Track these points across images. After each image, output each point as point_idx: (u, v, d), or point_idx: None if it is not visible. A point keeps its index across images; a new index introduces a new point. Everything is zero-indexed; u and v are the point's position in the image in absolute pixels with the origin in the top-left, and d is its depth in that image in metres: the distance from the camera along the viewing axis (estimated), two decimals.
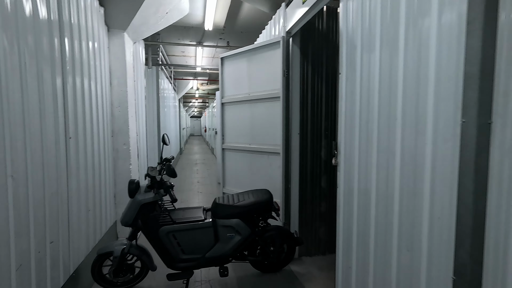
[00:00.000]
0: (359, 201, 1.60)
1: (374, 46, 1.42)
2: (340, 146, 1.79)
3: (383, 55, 1.36)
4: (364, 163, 1.53)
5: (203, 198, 5.48)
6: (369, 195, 1.49)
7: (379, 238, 1.43)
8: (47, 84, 1.78)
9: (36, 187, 1.65)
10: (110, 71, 3.16)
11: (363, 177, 1.54)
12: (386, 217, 1.36)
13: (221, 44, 6.34)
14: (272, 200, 2.48)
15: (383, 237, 1.39)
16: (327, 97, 3.00)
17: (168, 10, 3.69)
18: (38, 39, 1.68)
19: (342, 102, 1.75)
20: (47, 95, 1.78)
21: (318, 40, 2.93)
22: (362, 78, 1.54)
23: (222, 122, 3.63)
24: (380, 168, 1.39)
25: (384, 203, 1.38)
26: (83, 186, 2.35)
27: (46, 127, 1.76)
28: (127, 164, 3.32)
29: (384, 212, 1.38)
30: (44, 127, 1.74)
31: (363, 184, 1.55)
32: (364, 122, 1.52)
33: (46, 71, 1.77)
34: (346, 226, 1.74)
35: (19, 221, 1.49)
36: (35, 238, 1.63)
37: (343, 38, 1.73)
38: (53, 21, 1.88)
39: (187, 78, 10.48)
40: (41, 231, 1.70)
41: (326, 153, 3.02)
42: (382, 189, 1.39)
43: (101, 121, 2.80)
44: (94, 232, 2.59)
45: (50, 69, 1.82)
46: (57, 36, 1.93)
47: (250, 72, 3.23)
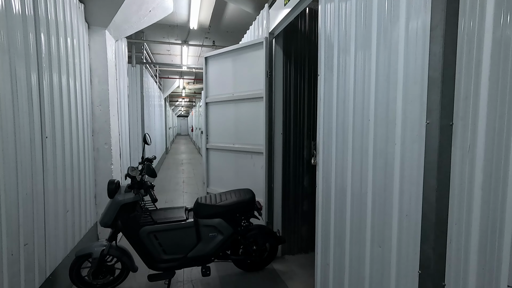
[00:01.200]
0: (336, 200, 1.64)
1: (350, 49, 1.46)
2: (319, 146, 1.83)
3: (358, 58, 1.40)
4: (341, 162, 1.57)
5: (188, 198, 5.45)
6: (345, 194, 1.53)
7: (354, 236, 1.47)
8: (21, 81, 1.73)
9: (9, 188, 1.60)
10: (91, 69, 3.09)
11: (340, 176, 1.59)
12: (360, 215, 1.41)
13: (207, 43, 6.32)
14: (255, 200, 2.50)
15: (358, 234, 1.43)
16: (309, 98, 3.04)
17: (152, 8, 3.65)
18: (11, 34, 1.63)
19: (321, 103, 1.79)
20: (21, 93, 1.73)
21: (300, 41, 2.98)
22: (339, 79, 1.58)
23: (206, 122, 3.62)
24: (355, 167, 1.44)
25: (358, 201, 1.42)
26: (61, 186, 2.30)
27: (20, 126, 1.72)
28: (109, 164, 3.26)
29: (358, 210, 1.42)
30: (18, 126, 1.69)
31: (340, 183, 1.59)
32: (341, 122, 1.56)
33: (20, 68, 1.72)
34: (324, 224, 1.79)
35: None
36: (8, 240, 1.58)
37: (322, 39, 1.77)
38: (28, 16, 1.82)
39: (173, 77, 10.36)
40: (14, 233, 1.65)
41: (308, 153, 3.07)
42: (356, 188, 1.43)
43: (80, 120, 2.74)
44: (73, 233, 2.54)
45: (24, 65, 1.77)
46: (32, 31, 1.88)
47: (234, 72, 3.24)
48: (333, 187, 1.67)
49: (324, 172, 1.77)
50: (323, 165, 1.78)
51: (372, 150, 1.30)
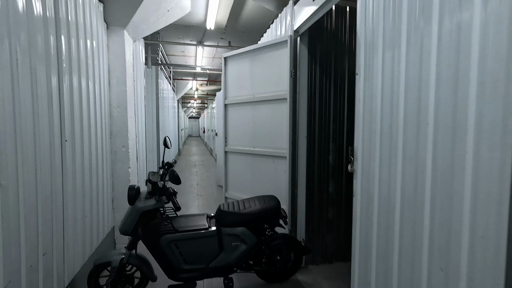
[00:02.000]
0: (380, 212, 1.48)
1: (400, 44, 1.30)
2: (357, 152, 1.67)
3: (410, 54, 1.24)
4: (387, 171, 1.41)
5: (203, 201, 5.34)
6: (392, 206, 1.37)
7: (404, 253, 1.31)
8: (41, 84, 1.65)
9: (28, 194, 1.51)
10: (109, 70, 3.02)
11: (385, 186, 1.42)
12: (413, 231, 1.24)
13: (222, 44, 6.22)
14: (280, 207, 2.35)
15: (410, 252, 1.27)
16: (336, 99, 2.88)
17: (170, 8, 3.57)
18: (32, 36, 1.55)
19: (360, 105, 1.63)
20: (41, 96, 1.64)
21: (326, 40, 2.82)
22: (385, 78, 1.42)
23: (225, 124, 3.50)
24: (407, 177, 1.28)
25: (411, 216, 1.26)
26: (80, 191, 2.21)
27: (40, 129, 1.63)
28: (126, 167, 3.18)
29: (411, 226, 1.26)
30: (37, 129, 1.60)
31: (385, 193, 1.43)
32: (387, 126, 1.40)
33: (40, 70, 1.64)
34: (364, 238, 1.62)
35: (8, 233, 1.35)
36: (27, 251, 1.49)
37: (361, 37, 1.62)
38: (49, 18, 1.74)
39: (186, 79, 10.34)
40: (33, 243, 1.56)
41: (334, 157, 2.91)
42: (409, 200, 1.27)
43: (99, 122, 2.66)
44: (91, 239, 2.45)
45: (44, 68, 1.69)
46: (53, 33, 1.80)
47: (255, 72, 3.11)
48: (375, 198, 1.51)
49: (364, 180, 1.61)
50: (363, 172, 1.62)
51: (431, 159, 1.14)
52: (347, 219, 3.02)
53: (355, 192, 1.70)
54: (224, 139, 3.52)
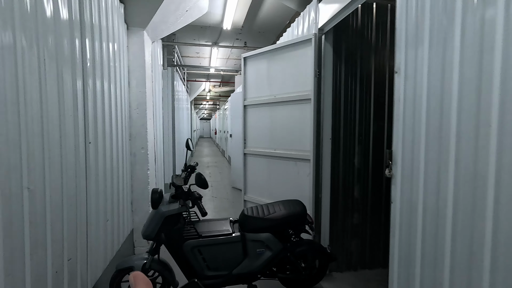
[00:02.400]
0: (426, 221, 1.36)
1: (452, 38, 1.19)
2: (396, 156, 1.56)
3: (467, 49, 1.13)
4: (435, 177, 1.29)
5: (219, 203, 5.29)
6: (443, 215, 1.25)
7: (458, 271, 1.19)
8: (67, 87, 1.61)
9: (54, 198, 1.47)
10: (129, 70, 3.00)
11: (433, 194, 1.31)
12: (470, 246, 1.12)
13: (238, 45, 6.17)
14: (306, 213, 2.25)
15: (466, 269, 1.15)
16: (362, 99, 2.76)
17: (188, 8, 3.53)
18: (58, 40, 1.51)
19: (400, 105, 1.52)
20: (67, 98, 1.61)
21: (352, 38, 2.71)
22: (431, 77, 1.31)
23: (244, 126, 3.43)
24: (462, 185, 1.16)
25: (467, 230, 1.14)
26: (102, 194, 2.18)
27: (65, 131, 1.59)
28: (145, 169, 3.15)
29: (467, 240, 1.14)
30: (63, 131, 1.57)
31: (433, 201, 1.31)
32: (435, 129, 1.29)
33: (66, 73, 1.60)
34: (405, 248, 1.51)
35: (35, 239, 1.31)
36: (52, 256, 1.45)
37: (401, 32, 1.51)
38: (74, 21, 1.71)
39: (200, 80, 10.36)
40: (58, 248, 1.52)
41: (360, 160, 2.79)
42: (464, 212, 1.15)
43: (119, 124, 2.63)
44: (112, 243, 2.42)
45: (70, 70, 1.65)
46: (78, 37, 1.77)
47: (275, 72, 3.02)
48: (420, 205, 1.39)
49: (405, 186, 1.50)
50: (403, 178, 1.51)
51: (494, 166, 1.02)
52: (373, 225, 2.89)
53: (393, 198, 1.59)
54: (243, 141, 3.44)
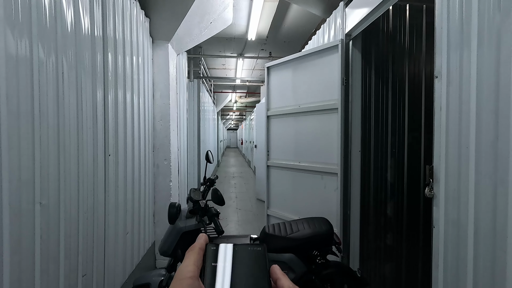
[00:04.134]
0: (479, 249, 1.13)
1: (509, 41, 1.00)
2: (438, 173, 1.35)
3: None
4: (490, 198, 1.08)
5: (242, 216, 5.17)
6: (502, 246, 1.03)
7: None
8: (86, 99, 1.61)
9: (69, 213, 1.44)
10: (153, 83, 3.04)
11: (488, 218, 1.09)
12: None
13: (263, 55, 6.15)
14: (333, 232, 2.06)
15: None
16: (394, 108, 2.53)
17: (212, 20, 3.55)
18: (79, 53, 1.52)
19: (441, 114, 1.32)
20: (86, 110, 1.60)
21: (383, 42, 2.52)
22: (482, 81, 1.11)
23: (267, 137, 3.31)
24: None
25: None
26: (122, 207, 2.16)
27: (83, 143, 1.58)
28: (168, 181, 3.14)
29: None
30: (81, 144, 1.55)
31: (488, 227, 1.09)
32: (490, 141, 1.08)
33: (86, 86, 1.61)
34: (452, 281, 1.27)
35: (47, 255, 1.27)
36: (65, 271, 1.41)
37: (442, 33, 1.33)
38: (97, 36, 1.73)
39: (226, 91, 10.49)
40: (72, 264, 1.48)
41: (393, 174, 2.54)
42: None
43: (142, 136, 2.64)
44: (132, 256, 2.38)
45: (91, 83, 1.66)
46: (100, 51, 1.78)
47: (300, 81, 2.90)
48: (470, 231, 1.17)
49: (450, 207, 1.28)
50: (447, 198, 1.29)
51: None
52: (410, 248, 2.60)
53: (435, 222, 1.37)
54: (266, 153, 3.32)
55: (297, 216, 2.77)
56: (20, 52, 1.11)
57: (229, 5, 3.67)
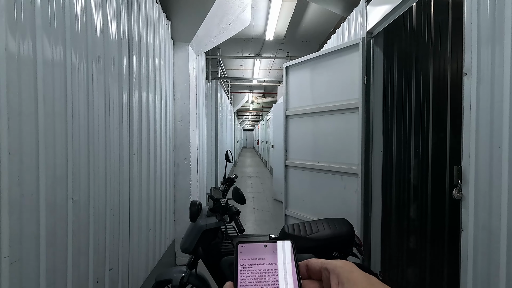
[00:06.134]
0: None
1: None
2: (467, 174, 1.30)
3: None
4: None
5: (260, 215, 5.18)
6: None
7: None
8: (113, 100, 1.68)
9: (97, 209, 1.51)
10: (174, 84, 3.11)
11: None
12: None
13: (280, 55, 6.13)
14: (354, 233, 2.03)
15: None
16: (418, 108, 2.46)
17: (231, 21, 3.58)
18: (107, 57, 1.59)
19: (471, 113, 1.27)
20: (113, 111, 1.67)
21: (406, 39, 2.45)
22: None
23: (285, 137, 3.31)
24: None
25: None
26: (145, 204, 2.22)
27: (111, 143, 1.65)
28: (187, 180, 3.20)
29: None
30: (108, 143, 1.62)
31: None
32: None
33: (113, 88, 1.67)
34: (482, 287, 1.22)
35: (78, 249, 1.34)
36: (94, 266, 1.47)
37: (472, 29, 1.28)
38: (123, 40, 1.80)
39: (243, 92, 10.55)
40: (100, 258, 1.55)
41: (416, 175, 2.46)
42: None
43: (164, 136, 2.71)
44: (154, 253, 2.45)
45: (117, 85, 1.73)
46: (126, 54, 1.85)
47: (318, 81, 2.87)
48: (503, 235, 1.12)
49: (480, 210, 1.23)
50: (477, 200, 1.24)
51: None
52: (434, 251, 2.51)
53: (464, 225, 1.32)
54: (285, 153, 3.31)
55: (316, 217, 2.75)
56: (55, 57, 1.17)
57: (247, 5, 3.70)
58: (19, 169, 0.99)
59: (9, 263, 0.94)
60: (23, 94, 1.01)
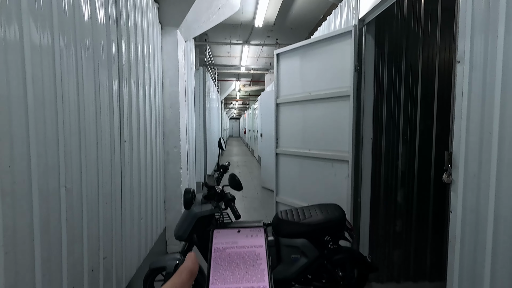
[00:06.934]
0: (499, 235, 1.15)
1: None
2: (457, 159, 1.35)
3: None
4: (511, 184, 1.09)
5: (249, 203, 5.23)
6: None
7: None
8: (103, 87, 1.62)
9: (90, 197, 1.47)
10: (163, 70, 3.02)
11: (509, 203, 1.10)
12: None
13: (269, 42, 6.06)
14: (345, 218, 2.08)
15: None
16: (407, 95, 2.52)
17: (221, 6, 3.49)
18: (95, 42, 1.52)
19: (463, 100, 1.31)
20: (103, 98, 1.61)
21: (397, 28, 2.48)
22: (508, 67, 1.10)
23: (276, 125, 3.31)
24: None
25: None
26: (136, 192, 2.19)
27: (101, 130, 1.59)
28: (178, 168, 3.16)
29: None
30: (99, 130, 1.57)
31: (509, 213, 1.10)
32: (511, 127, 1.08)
33: (103, 74, 1.61)
34: (469, 269, 1.30)
35: (72, 237, 1.31)
36: (88, 254, 1.45)
37: (466, 16, 1.30)
38: (111, 24, 1.72)
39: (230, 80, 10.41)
40: (94, 247, 1.52)
41: (404, 162, 2.55)
42: None
43: (153, 123, 2.65)
44: (146, 241, 2.43)
45: (107, 72, 1.66)
46: (114, 39, 1.77)
47: (310, 68, 2.87)
48: (490, 217, 1.18)
49: (469, 193, 1.29)
50: (466, 184, 1.30)
51: None
52: (419, 235, 2.63)
53: (453, 207, 1.38)
54: (276, 141, 3.33)
55: (306, 203, 2.80)
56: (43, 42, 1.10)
57: None
58: (10, 155, 0.94)
59: (4, 253, 0.91)
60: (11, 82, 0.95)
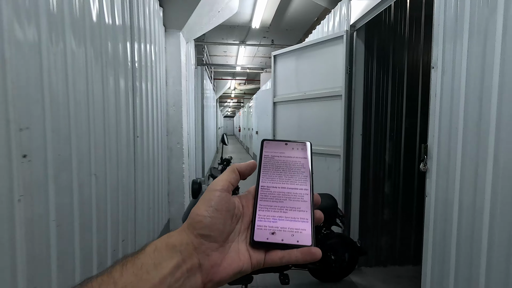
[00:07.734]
0: (462, 214, 1.38)
1: (494, 31, 1.20)
2: (431, 150, 1.58)
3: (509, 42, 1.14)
4: (472, 172, 1.31)
5: None
6: (480, 213, 1.27)
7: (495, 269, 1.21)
8: (120, 86, 1.79)
9: (112, 185, 1.65)
10: (166, 70, 3.19)
11: (470, 189, 1.33)
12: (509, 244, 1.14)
13: (264, 43, 6.26)
14: (337, 206, 2.31)
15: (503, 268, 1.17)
16: (393, 96, 2.75)
17: (220, 9, 3.67)
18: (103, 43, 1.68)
19: (436, 101, 1.54)
20: (122, 97, 1.79)
21: (384, 33, 2.71)
22: (470, 71, 1.33)
23: (273, 122, 3.52)
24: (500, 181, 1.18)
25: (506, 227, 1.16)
26: (146, 184, 2.37)
27: (121, 127, 1.77)
28: (180, 163, 3.35)
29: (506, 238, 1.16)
30: (119, 127, 1.75)
31: (470, 197, 1.33)
32: (473, 124, 1.31)
33: (121, 76, 1.79)
34: (439, 241, 1.53)
35: (100, 220, 1.49)
36: (111, 236, 1.64)
37: (439, 26, 1.52)
38: (126, 29, 1.89)
39: (225, 78, 10.57)
40: (115, 229, 1.71)
41: (391, 156, 2.78)
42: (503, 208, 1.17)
43: (160, 120, 2.83)
44: (153, 231, 2.62)
45: (124, 75, 1.85)
46: (122, 40, 1.93)
47: (305, 69, 3.08)
48: (456, 199, 1.41)
49: (440, 180, 1.52)
50: (438, 172, 1.53)
51: None
52: (404, 222, 2.88)
53: (428, 192, 1.61)
54: (273, 137, 3.53)
55: None
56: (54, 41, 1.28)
57: None
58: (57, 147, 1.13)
59: (56, 225, 1.10)
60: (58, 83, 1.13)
